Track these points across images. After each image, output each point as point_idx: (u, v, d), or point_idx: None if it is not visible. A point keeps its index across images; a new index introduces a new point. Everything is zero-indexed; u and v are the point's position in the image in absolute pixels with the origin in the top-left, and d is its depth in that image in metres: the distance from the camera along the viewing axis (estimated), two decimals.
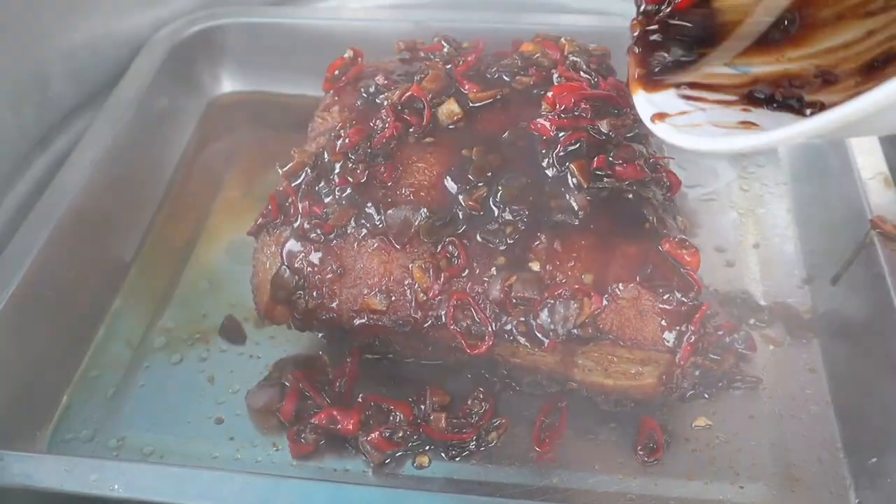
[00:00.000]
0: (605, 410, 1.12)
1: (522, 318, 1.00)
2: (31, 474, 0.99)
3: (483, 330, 1.03)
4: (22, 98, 1.46)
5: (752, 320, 1.23)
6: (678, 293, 0.99)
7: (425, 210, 1.06)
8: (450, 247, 1.04)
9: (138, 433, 1.14)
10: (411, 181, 1.09)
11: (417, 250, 1.06)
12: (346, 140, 1.12)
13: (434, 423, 1.09)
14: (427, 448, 1.10)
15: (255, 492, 0.97)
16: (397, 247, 1.06)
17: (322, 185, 1.12)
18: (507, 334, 1.02)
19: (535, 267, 1.02)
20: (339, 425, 1.08)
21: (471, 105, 1.17)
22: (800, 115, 0.88)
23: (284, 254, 1.10)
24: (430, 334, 1.07)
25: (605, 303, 0.99)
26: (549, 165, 1.08)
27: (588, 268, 1.01)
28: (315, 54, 1.61)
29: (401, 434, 1.08)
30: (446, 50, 1.30)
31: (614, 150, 1.07)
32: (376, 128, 1.14)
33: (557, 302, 0.98)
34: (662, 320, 0.99)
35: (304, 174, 1.14)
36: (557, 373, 1.10)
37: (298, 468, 1.09)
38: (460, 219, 1.06)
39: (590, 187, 1.05)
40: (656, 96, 0.94)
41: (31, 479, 0.99)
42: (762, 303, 1.26)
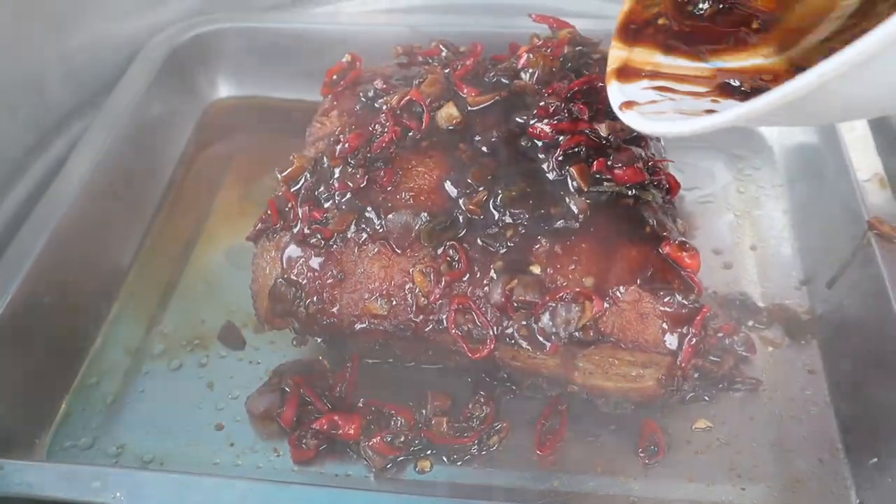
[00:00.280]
0: (606, 413, 1.12)
1: (524, 322, 1.00)
2: (32, 483, 0.98)
3: (484, 334, 1.03)
4: (18, 102, 1.45)
5: (751, 322, 1.24)
6: (679, 296, 0.99)
7: (425, 214, 1.06)
8: (450, 251, 1.04)
9: (138, 440, 1.13)
10: (411, 185, 1.09)
11: (418, 254, 1.06)
12: (346, 145, 1.12)
13: (435, 428, 1.09)
14: (429, 452, 1.09)
15: (257, 498, 0.97)
16: (398, 251, 1.06)
17: (322, 189, 1.11)
18: (508, 338, 1.02)
19: (536, 270, 1.02)
20: (340, 430, 1.08)
21: (469, 109, 1.17)
22: None
23: (284, 259, 1.10)
24: (431, 338, 1.07)
25: (607, 306, 0.99)
26: (548, 169, 1.08)
27: (589, 271, 1.01)
28: (312, 59, 1.62)
29: (402, 439, 1.08)
30: (444, 54, 1.30)
31: (613, 153, 1.07)
32: (375, 132, 1.14)
33: (559, 305, 0.98)
34: (663, 323, 0.99)
35: (303, 179, 1.14)
36: (558, 376, 1.10)
37: (300, 474, 1.09)
38: (461, 223, 1.06)
39: (589, 191, 1.05)
40: (629, 87, 0.96)
41: (32, 488, 0.98)
42: (760, 304, 1.26)
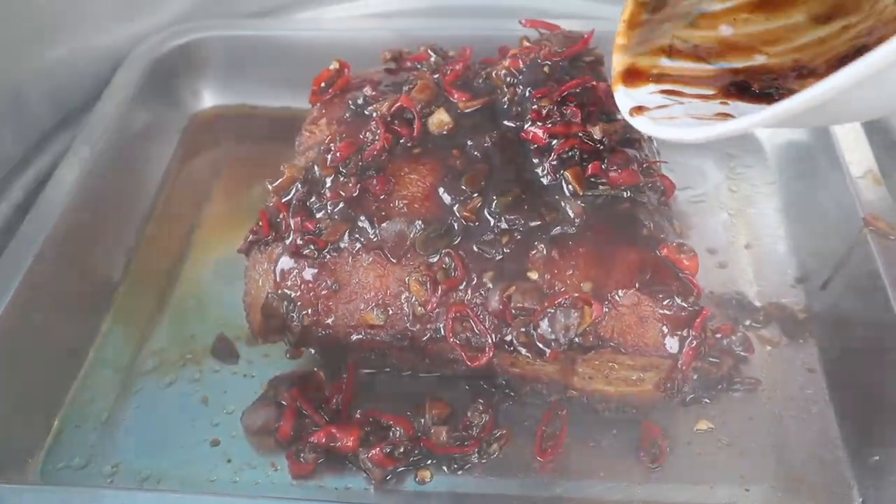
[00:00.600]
0: (606, 417, 1.12)
1: (523, 329, 0.99)
2: None
3: (483, 342, 1.01)
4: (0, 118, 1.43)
5: (748, 321, 1.23)
6: (678, 298, 0.98)
7: (420, 222, 1.05)
8: (446, 259, 1.03)
9: (133, 459, 1.11)
10: (404, 193, 1.08)
11: (413, 263, 1.05)
12: (337, 154, 1.10)
13: (435, 437, 1.08)
14: (429, 462, 1.08)
15: None
16: (393, 260, 1.05)
17: (314, 199, 1.10)
18: (507, 345, 1.01)
19: (534, 276, 1.01)
20: (338, 443, 1.06)
21: (461, 114, 1.16)
22: None
23: (277, 271, 1.09)
24: (428, 348, 1.06)
25: (606, 311, 0.98)
26: (543, 173, 1.07)
27: (587, 275, 1.00)
28: (297, 66, 1.60)
29: (402, 449, 1.07)
30: (433, 59, 1.29)
31: (608, 155, 1.07)
32: (366, 140, 1.12)
33: (558, 311, 0.97)
34: (663, 326, 0.98)
35: (294, 189, 1.12)
36: (557, 381, 1.09)
37: (299, 488, 1.07)
38: (456, 230, 1.05)
39: (585, 194, 1.05)
40: (636, 92, 0.96)
41: None
42: (757, 303, 1.26)
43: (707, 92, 0.92)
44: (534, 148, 1.10)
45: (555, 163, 1.07)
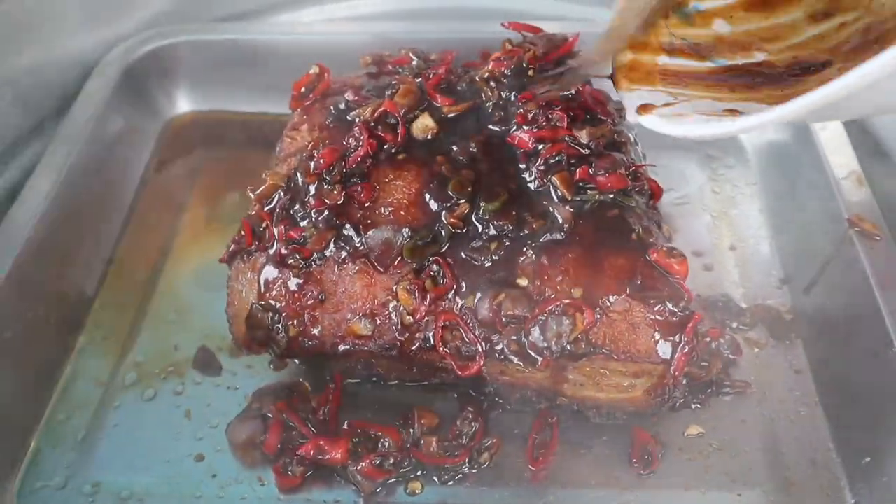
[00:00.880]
0: (597, 424, 1.11)
1: (514, 337, 0.98)
2: None
3: (473, 350, 1.00)
4: None
5: (735, 324, 1.23)
6: (669, 303, 0.97)
7: (407, 230, 1.04)
8: (434, 266, 1.02)
9: (114, 477, 1.08)
10: (390, 200, 1.06)
11: (401, 271, 1.03)
12: (321, 160, 1.08)
13: (425, 448, 1.06)
14: (419, 473, 1.07)
15: None
16: (380, 269, 1.03)
17: (297, 207, 1.08)
18: (498, 354, 0.99)
19: (524, 283, 0.99)
20: (327, 455, 1.04)
21: (445, 119, 1.14)
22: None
23: (261, 281, 1.06)
24: (417, 357, 1.04)
25: (598, 317, 0.97)
26: (530, 178, 1.06)
27: (577, 282, 0.99)
28: (272, 70, 1.58)
29: (391, 461, 1.05)
30: (415, 63, 1.27)
31: (595, 160, 1.06)
32: (350, 146, 1.10)
33: (549, 318, 0.96)
34: (655, 332, 0.98)
35: (277, 197, 1.10)
36: (547, 388, 1.08)
37: (287, 502, 1.05)
38: (443, 237, 1.03)
39: (573, 199, 1.03)
40: (641, 90, 0.96)
41: None
42: (743, 305, 1.26)
43: (711, 94, 0.92)
44: (520, 152, 1.09)
45: (542, 167, 1.05)
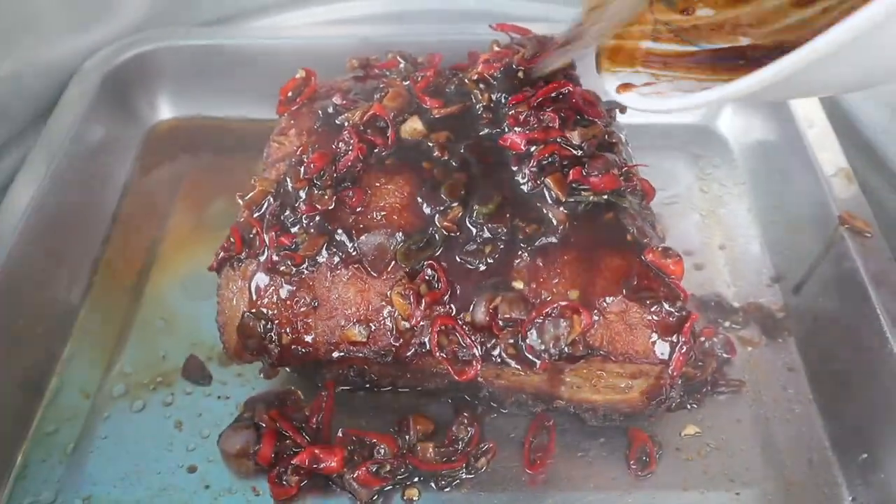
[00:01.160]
0: (594, 426, 1.10)
1: (511, 341, 0.97)
2: None
3: (470, 355, 0.99)
4: None
5: (728, 323, 1.23)
6: (666, 304, 0.97)
7: (400, 234, 1.02)
8: (428, 271, 1.01)
9: (105, 490, 1.06)
10: (382, 204, 1.05)
11: (395, 276, 1.02)
12: (311, 165, 1.07)
13: (421, 454, 1.05)
14: (415, 480, 1.06)
15: None
16: (373, 274, 1.02)
17: (287, 213, 1.06)
18: (495, 358, 0.98)
19: (519, 286, 0.99)
20: (322, 464, 1.03)
21: (435, 122, 1.13)
22: None
23: (253, 288, 1.05)
24: (413, 363, 1.03)
25: (596, 319, 0.96)
26: (524, 181, 1.05)
27: (573, 283, 0.98)
28: (255, 76, 1.57)
29: (388, 468, 1.04)
30: (402, 66, 1.26)
31: (588, 160, 1.05)
32: (340, 151, 1.09)
33: (546, 321, 0.95)
34: (653, 332, 0.97)
35: (266, 203, 1.09)
36: (543, 392, 1.07)
37: None
38: (437, 241, 1.02)
39: (567, 201, 1.03)
40: (622, 71, 0.96)
41: None
42: (735, 304, 1.26)
43: (693, 75, 0.92)
44: (512, 155, 1.08)
45: (535, 169, 1.05)
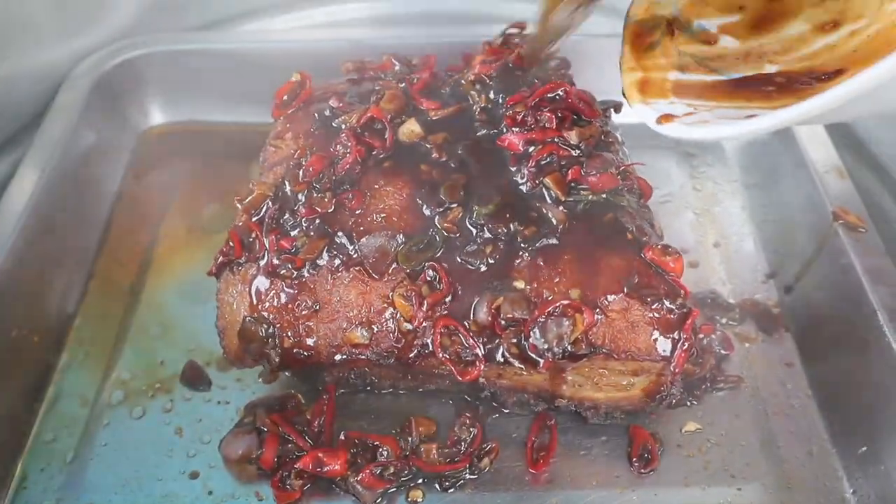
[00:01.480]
0: (595, 424, 1.11)
1: (514, 340, 0.97)
2: None
3: (473, 355, 0.99)
4: None
5: (724, 319, 1.24)
6: (667, 301, 0.98)
7: (401, 236, 1.03)
8: (429, 272, 1.01)
9: (106, 497, 1.05)
10: (382, 206, 1.05)
11: (396, 278, 1.02)
12: (310, 168, 1.07)
13: (425, 455, 1.05)
14: (419, 481, 1.06)
15: None
16: (375, 276, 1.01)
17: (287, 217, 1.06)
18: (498, 357, 0.98)
19: (520, 285, 0.99)
20: (326, 467, 1.02)
21: (432, 123, 1.14)
22: None
23: (253, 292, 1.04)
24: (416, 364, 1.03)
25: (598, 317, 0.97)
26: (522, 181, 1.06)
27: (574, 282, 0.99)
28: (247, 80, 1.56)
29: (392, 470, 1.03)
30: (397, 68, 1.26)
31: (586, 160, 1.06)
32: (338, 153, 1.09)
33: (549, 320, 0.96)
34: (654, 330, 0.98)
35: (265, 207, 1.08)
36: (545, 391, 1.08)
37: None
38: (437, 242, 1.02)
39: (567, 200, 1.03)
40: (656, 102, 0.96)
41: None
42: (731, 301, 1.27)
43: (730, 103, 0.92)
44: (510, 155, 1.08)
45: (534, 169, 1.05)
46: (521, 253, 1.01)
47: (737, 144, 1.50)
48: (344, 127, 1.12)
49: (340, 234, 1.04)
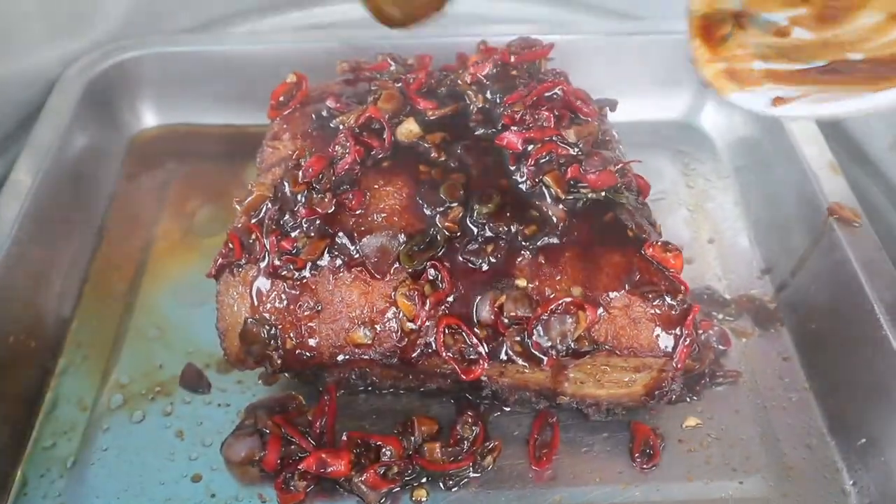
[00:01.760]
0: (596, 421, 1.11)
1: (517, 338, 0.97)
2: None
3: (476, 354, 0.99)
4: None
5: (721, 315, 1.25)
6: (668, 297, 0.98)
7: (402, 235, 1.03)
8: (431, 271, 1.01)
9: (108, 503, 1.05)
10: (382, 206, 1.05)
11: (398, 278, 1.02)
12: (309, 169, 1.06)
13: (428, 455, 1.05)
14: (423, 481, 1.06)
15: None
16: (377, 276, 1.02)
17: (287, 218, 1.06)
18: (502, 356, 0.99)
19: (522, 284, 0.99)
20: (330, 468, 1.02)
21: (430, 123, 1.14)
22: None
23: (254, 294, 1.04)
24: (418, 363, 1.03)
25: (600, 314, 0.97)
26: (522, 179, 1.06)
27: (575, 280, 0.99)
28: (239, 81, 1.56)
29: (395, 470, 1.04)
30: (393, 68, 1.26)
31: (584, 158, 1.06)
32: (336, 154, 1.09)
33: (552, 318, 0.96)
34: (656, 326, 0.98)
35: (264, 208, 1.08)
36: (547, 388, 1.08)
37: None
38: (439, 241, 1.02)
39: (566, 198, 1.04)
40: (754, 90, 0.93)
41: None
42: (727, 296, 1.28)
43: (833, 87, 0.91)
44: (510, 154, 1.09)
45: (533, 168, 1.06)
46: (522, 251, 1.01)
47: (728, 142, 1.51)
48: (342, 127, 1.12)
49: (341, 234, 1.03)
